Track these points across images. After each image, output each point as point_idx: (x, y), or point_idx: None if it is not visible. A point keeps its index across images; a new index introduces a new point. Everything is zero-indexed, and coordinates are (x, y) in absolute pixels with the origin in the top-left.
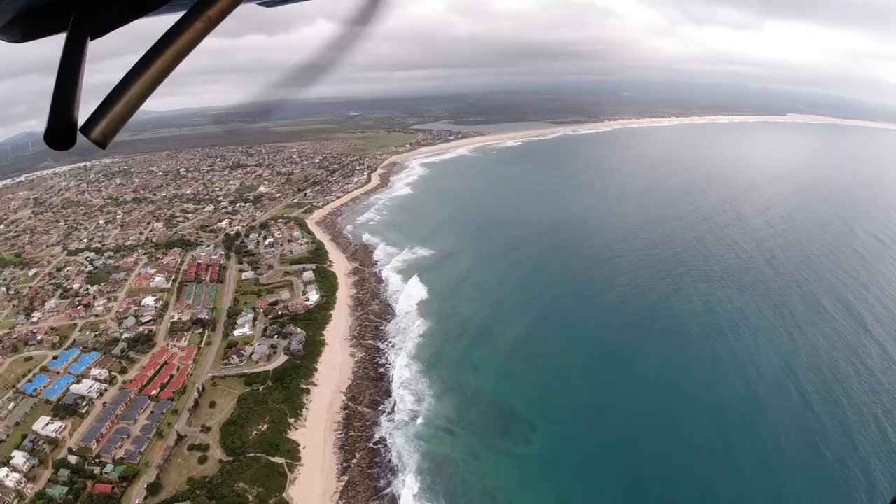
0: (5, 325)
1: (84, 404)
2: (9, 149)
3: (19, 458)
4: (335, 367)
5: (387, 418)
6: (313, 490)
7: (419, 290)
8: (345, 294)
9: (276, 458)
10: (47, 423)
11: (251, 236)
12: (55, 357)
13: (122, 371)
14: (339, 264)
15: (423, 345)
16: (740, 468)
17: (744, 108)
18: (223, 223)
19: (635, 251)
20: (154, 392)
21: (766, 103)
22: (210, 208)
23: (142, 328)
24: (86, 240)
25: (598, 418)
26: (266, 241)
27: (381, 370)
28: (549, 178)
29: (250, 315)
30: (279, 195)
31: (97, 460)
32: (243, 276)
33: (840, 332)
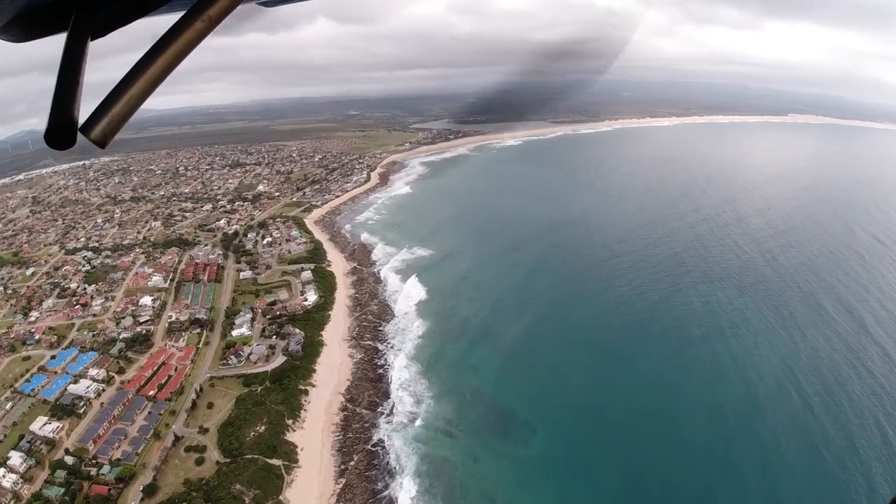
0: (3, 325)
1: (81, 404)
2: (9, 147)
3: (16, 458)
4: (334, 368)
5: (385, 420)
6: (311, 492)
7: (418, 291)
8: (343, 294)
9: (274, 460)
10: (44, 424)
11: (249, 235)
12: (53, 357)
13: (120, 371)
14: (337, 264)
15: (422, 346)
16: (740, 469)
17: (744, 108)
18: (221, 222)
19: (635, 251)
20: (152, 392)
21: (766, 103)
22: (208, 207)
23: (139, 328)
24: (83, 239)
25: (597, 419)
26: (264, 241)
27: (380, 371)
28: (548, 177)
29: (248, 315)
30: (278, 194)
31: (94, 461)
32: (241, 275)
33: (841, 333)
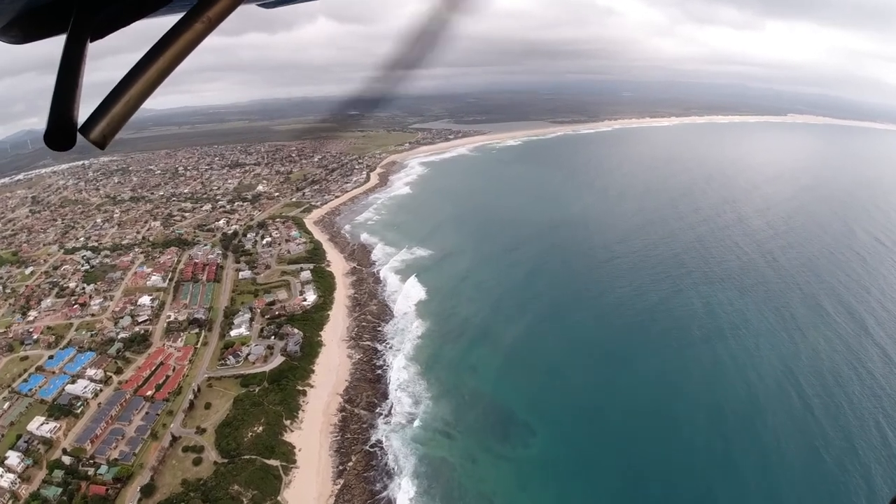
0: (1, 325)
1: (79, 404)
2: (8, 147)
3: (14, 458)
4: (332, 368)
5: (384, 421)
6: (308, 493)
7: (417, 291)
8: (342, 294)
9: (272, 461)
10: (42, 424)
11: (249, 235)
12: (51, 357)
13: (118, 371)
14: (336, 264)
15: (421, 346)
16: (740, 470)
17: (744, 108)
18: (221, 222)
19: (635, 252)
20: (149, 393)
21: (766, 103)
22: (208, 207)
23: (138, 328)
24: (83, 238)
25: (597, 419)
26: (264, 241)
27: (379, 372)
28: (548, 177)
29: (247, 315)
30: (277, 194)
31: (91, 461)
32: (240, 275)
33: (841, 335)
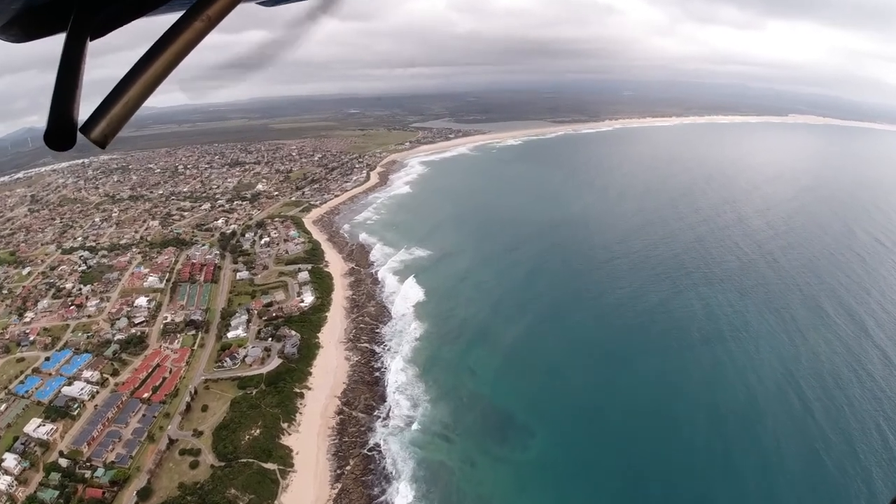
0: None
1: (75, 406)
2: (8, 145)
3: (11, 460)
4: (330, 370)
5: (382, 424)
6: (306, 497)
7: (416, 292)
8: (340, 295)
9: (269, 464)
10: (39, 425)
11: (247, 235)
12: (47, 358)
13: (114, 373)
14: (335, 265)
15: (419, 348)
16: (740, 472)
17: (745, 108)
18: (219, 222)
19: (635, 252)
20: (146, 395)
21: (766, 103)
22: (207, 206)
23: (134, 329)
24: (80, 238)
25: (597, 420)
26: (262, 241)
27: (377, 374)
28: (549, 177)
29: (244, 317)
30: (277, 193)
31: (88, 464)
32: (238, 276)
33: (842, 336)
